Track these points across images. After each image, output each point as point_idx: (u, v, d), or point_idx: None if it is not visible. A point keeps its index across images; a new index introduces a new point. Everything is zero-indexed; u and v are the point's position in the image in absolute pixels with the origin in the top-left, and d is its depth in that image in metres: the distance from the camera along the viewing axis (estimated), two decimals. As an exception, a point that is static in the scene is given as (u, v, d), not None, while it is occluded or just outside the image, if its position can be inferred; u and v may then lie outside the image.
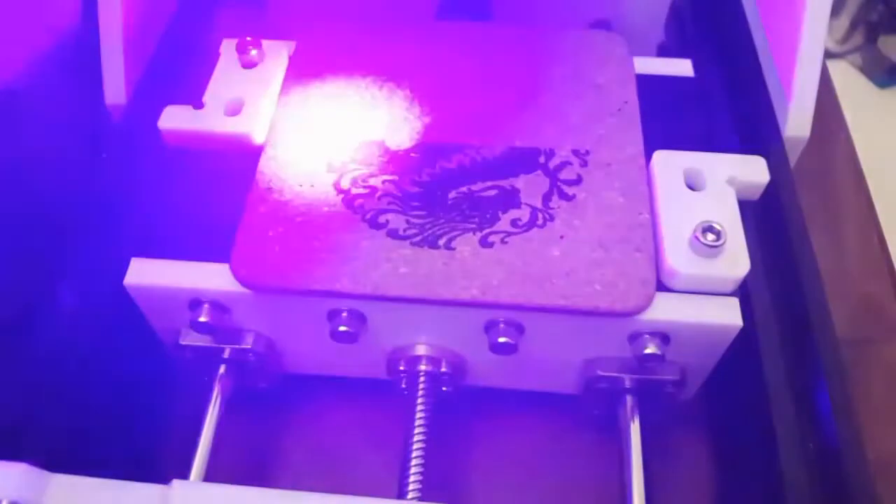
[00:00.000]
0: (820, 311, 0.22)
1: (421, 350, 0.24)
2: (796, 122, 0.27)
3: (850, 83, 0.99)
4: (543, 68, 0.28)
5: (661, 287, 0.23)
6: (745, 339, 0.23)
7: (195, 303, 0.23)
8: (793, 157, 0.27)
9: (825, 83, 0.40)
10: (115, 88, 0.28)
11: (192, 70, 0.29)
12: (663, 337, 0.23)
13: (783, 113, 0.27)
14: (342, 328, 0.23)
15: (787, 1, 0.27)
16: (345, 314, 0.23)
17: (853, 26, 0.97)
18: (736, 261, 0.22)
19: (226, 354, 0.25)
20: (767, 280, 0.24)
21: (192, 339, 0.24)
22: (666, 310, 0.22)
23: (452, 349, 0.25)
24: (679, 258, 0.22)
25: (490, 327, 0.23)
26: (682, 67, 0.30)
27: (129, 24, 0.28)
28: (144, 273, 0.23)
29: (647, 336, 0.22)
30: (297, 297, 0.22)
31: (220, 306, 0.23)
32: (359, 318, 0.23)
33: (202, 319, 0.23)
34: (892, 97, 0.98)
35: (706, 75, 0.29)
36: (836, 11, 0.95)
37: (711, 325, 0.22)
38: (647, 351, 0.22)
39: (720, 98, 0.29)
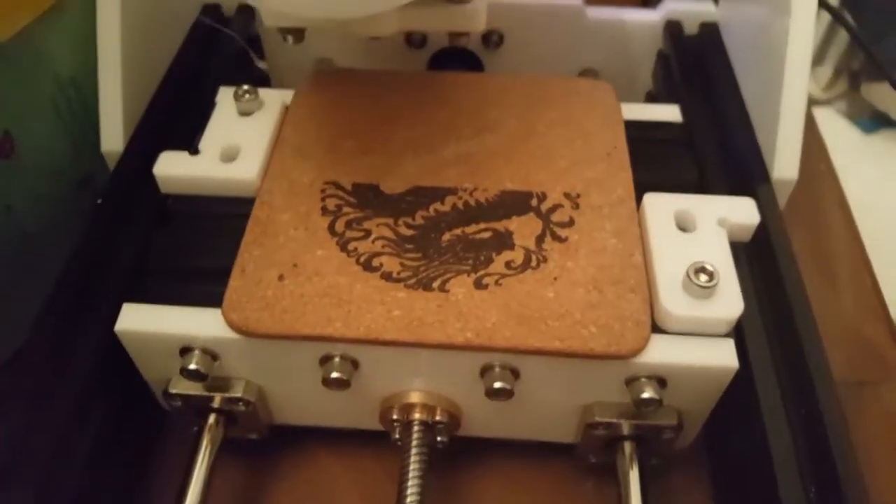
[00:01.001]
0: (816, 353, 0.22)
1: (415, 398, 0.24)
2: (784, 164, 0.27)
3: (836, 129, 1.00)
4: (533, 114, 0.28)
5: (656, 329, 0.22)
6: (742, 382, 0.22)
7: (186, 349, 0.23)
8: (782, 200, 0.27)
9: (811, 128, 0.41)
10: (113, 135, 0.28)
11: (188, 118, 0.29)
12: (660, 380, 0.22)
13: (771, 155, 0.27)
14: (335, 374, 0.22)
15: (768, 45, 0.28)
16: (337, 360, 0.23)
17: (836, 74, 0.99)
18: (729, 302, 0.22)
19: (216, 403, 0.24)
20: (762, 321, 0.24)
21: (182, 387, 0.24)
22: (662, 352, 0.22)
23: (447, 396, 0.24)
24: (673, 300, 0.22)
25: (485, 372, 0.23)
26: (670, 113, 0.30)
27: (128, 71, 0.28)
28: (136, 319, 0.23)
29: (644, 379, 0.22)
30: (289, 342, 0.22)
31: (210, 353, 0.23)
32: (351, 364, 0.23)
33: (192, 366, 0.23)
34: (877, 142, 1.00)
35: (694, 120, 0.30)
36: (819, 59, 0.97)
37: (708, 368, 0.22)
38: (645, 395, 0.22)
39: (709, 142, 0.29)
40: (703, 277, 0.22)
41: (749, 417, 0.22)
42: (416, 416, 0.24)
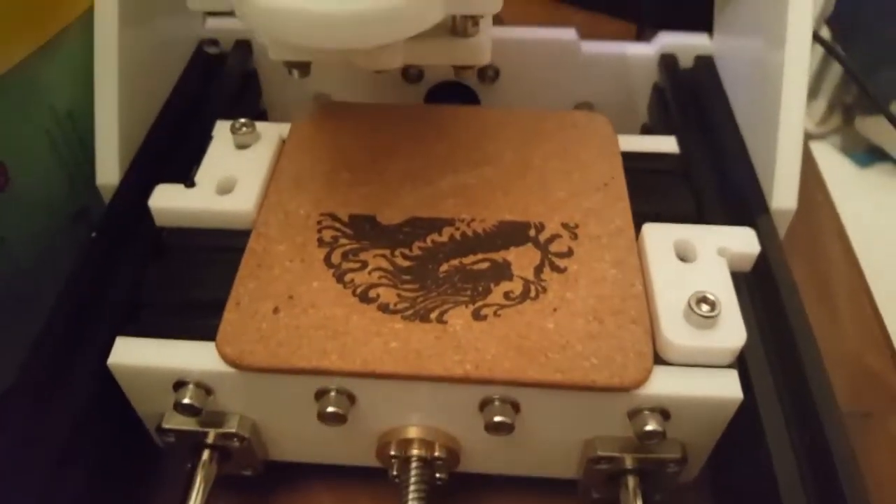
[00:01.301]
0: (820, 383, 0.22)
1: (413, 433, 0.24)
2: (782, 194, 0.27)
3: (831, 163, 1.01)
4: (530, 147, 0.28)
5: (657, 360, 0.22)
6: (746, 413, 0.22)
7: (180, 383, 0.22)
8: (781, 230, 0.27)
9: (808, 162, 0.41)
10: (108, 168, 0.28)
11: (185, 151, 0.29)
12: (663, 412, 0.22)
13: (769, 186, 0.27)
14: (331, 409, 0.22)
15: (764, 76, 0.28)
16: (333, 394, 0.22)
17: (830, 108, 1.00)
18: (732, 331, 0.22)
19: (210, 439, 0.24)
20: (765, 351, 0.23)
21: (175, 422, 0.23)
22: (664, 384, 0.22)
23: (446, 431, 0.24)
24: (674, 330, 0.22)
25: (485, 405, 0.22)
26: (666, 144, 0.30)
27: (125, 104, 0.28)
28: (129, 352, 0.22)
29: (647, 412, 0.22)
30: (284, 375, 0.22)
31: (204, 387, 0.23)
32: (348, 399, 0.22)
33: (186, 401, 0.22)
34: (872, 176, 1.01)
35: (691, 151, 0.30)
36: (813, 94, 0.98)
37: (712, 399, 0.22)
38: (648, 428, 0.22)
39: (706, 173, 0.29)
40: (705, 307, 0.22)
41: (754, 449, 0.22)
42: (414, 451, 0.24)
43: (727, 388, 0.22)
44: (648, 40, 0.36)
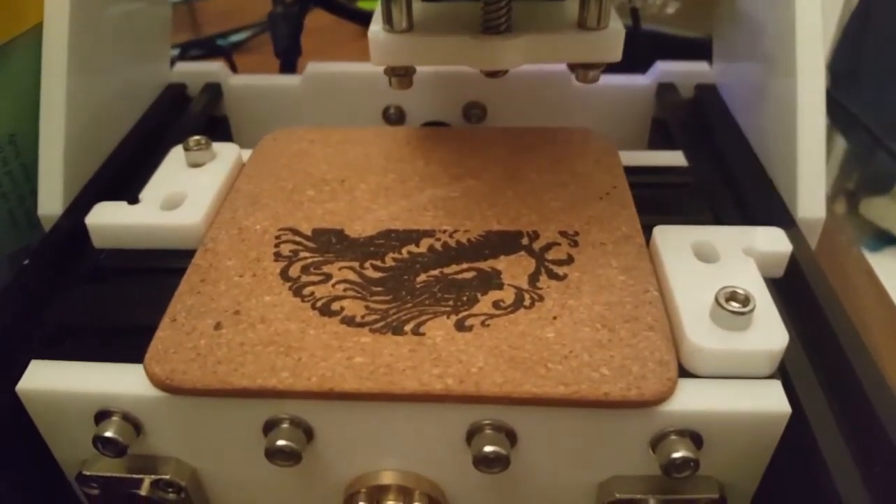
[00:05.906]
0: (883, 395, 0.18)
1: (385, 479, 0.19)
2: (808, 202, 0.24)
3: (840, 246, 0.98)
4: (520, 161, 0.26)
5: (683, 374, 0.18)
6: (797, 441, 0.18)
7: (103, 414, 0.18)
8: (811, 242, 0.24)
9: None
10: (52, 196, 0.25)
11: (139, 184, 0.26)
12: (694, 436, 0.18)
13: (793, 196, 0.24)
14: (281, 442, 0.18)
15: (775, 94, 0.26)
16: (285, 425, 0.18)
17: (833, 197, 0.99)
18: (770, 332, 0.18)
19: (142, 489, 0.19)
20: (809, 361, 0.19)
21: (99, 467, 0.19)
22: (693, 398, 0.17)
23: (426, 475, 0.19)
24: (701, 333, 0.18)
25: (473, 435, 0.18)
26: (673, 158, 0.27)
27: (74, 131, 0.25)
28: (43, 377, 0.19)
29: (675, 436, 0.18)
30: (224, 400, 0.18)
31: (132, 420, 0.18)
32: (304, 433, 0.18)
33: (108, 434, 0.18)
34: (884, 261, 0.97)
35: (700, 165, 0.27)
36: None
37: (752, 415, 0.17)
38: (677, 455, 0.17)
39: (719, 186, 0.26)
40: (735, 304, 0.18)
41: (812, 486, 0.17)
42: (388, 503, 0.19)
43: (771, 400, 0.17)
44: (643, 72, 0.34)
